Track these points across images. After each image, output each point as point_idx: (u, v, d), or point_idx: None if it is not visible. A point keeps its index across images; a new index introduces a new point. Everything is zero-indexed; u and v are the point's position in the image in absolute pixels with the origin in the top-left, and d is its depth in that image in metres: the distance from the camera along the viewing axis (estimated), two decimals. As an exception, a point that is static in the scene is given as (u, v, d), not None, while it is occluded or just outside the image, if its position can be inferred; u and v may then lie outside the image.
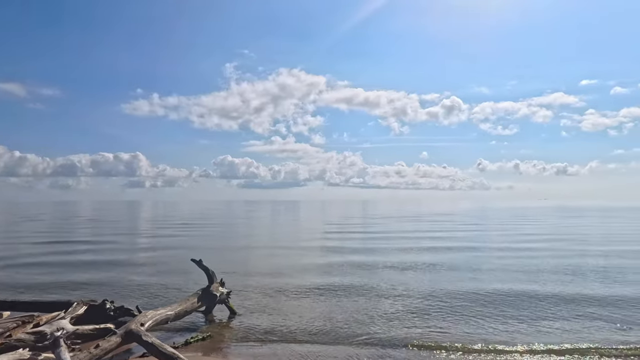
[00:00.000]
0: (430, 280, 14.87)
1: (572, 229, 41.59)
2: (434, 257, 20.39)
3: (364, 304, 11.82)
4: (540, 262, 19.06)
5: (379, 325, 9.95)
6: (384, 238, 30.40)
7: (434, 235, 32.31)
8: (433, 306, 11.56)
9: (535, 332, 9.55)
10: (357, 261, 19.10)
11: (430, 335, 9.16)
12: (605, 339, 9.02)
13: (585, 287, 14.18)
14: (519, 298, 12.54)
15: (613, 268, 17.69)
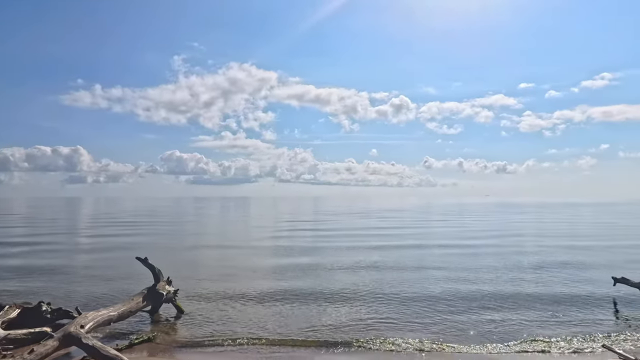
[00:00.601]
0: (378, 281, 14.58)
1: (512, 224, 44.10)
2: (383, 256, 20.15)
3: (312, 307, 11.47)
4: (482, 260, 19.92)
5: (326, 327, 9.98)
6: (334, 236, 30.00)
7: (383, 233, 32.69)
8: (380, 309, 11.43)
9: (473, 329, 9.99)
10: (307, 262, 18.42)
11: (377, 337, 9.21)
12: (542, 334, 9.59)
13: (523, 286, 15.05)
14: (463, 297, 13.06)
15: (548, 264, 18.96)
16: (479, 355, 8.18)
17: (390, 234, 31.62)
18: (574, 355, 8.12)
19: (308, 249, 22.98)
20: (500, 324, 10.07)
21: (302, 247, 23.84)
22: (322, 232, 34.31)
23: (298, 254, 21.34)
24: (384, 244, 24.93)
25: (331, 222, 47.89)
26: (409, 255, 20.56)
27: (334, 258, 19.60)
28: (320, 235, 31.38)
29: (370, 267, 17.39)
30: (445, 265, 17.90)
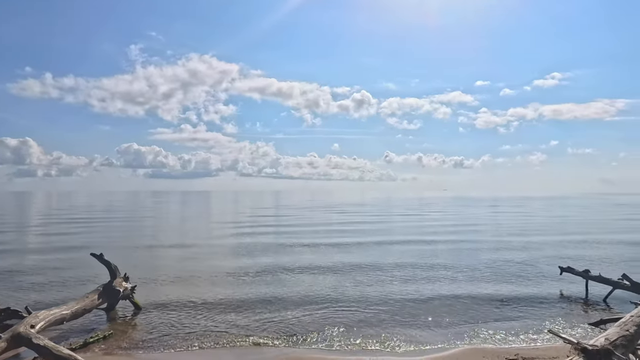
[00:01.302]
0: (337, 285, 13.42)
1: (469, 218, 45.61)
2: (344, 254, 19.38)
3: (270, 308, 10.93)
4: (440, 256, 20.52)
5: (282, 326, 10.04)
6: (296, 233, 28.91)
7: (345, 229, 31.75)
8: (338, 314, 11.19)
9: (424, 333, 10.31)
10: (267, 263, 17.16)
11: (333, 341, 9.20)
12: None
13: (478, 278, 15.62)
14: (422, 301, 13.42)
15: (502, 257, 19.79)
16: (420, 350, 8.46)
17: (352, 230, 31.02)
18: (522, 339, 8.59)
19: (269, 248, 21.68)
20: (457, 316, 10.45)
21: (262, 245, 22.49)
22: (284, 227, 33.56)
23: (258, 252, 20.11)
24: (346, 242, 23.82)
25: (293, 217, 46.98)
26: (370, 254, 19.57)
27: (294, 257, 18.44)
28: (281, 232, 30.27)
29: (330, 269, 15.94)
30: (405, 262, 17.29)
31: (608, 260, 17.93)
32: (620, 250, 21.22)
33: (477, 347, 8.15)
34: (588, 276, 12.30)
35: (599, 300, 11.72)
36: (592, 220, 43.02)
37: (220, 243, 24.04)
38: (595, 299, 11.84)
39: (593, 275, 12.24)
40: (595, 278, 12.12)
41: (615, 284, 11.60)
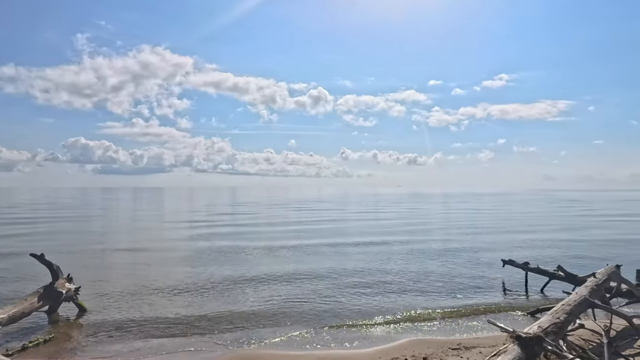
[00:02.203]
0: (290, 295, 12.01)
1: (421, 214, 46.91)
2: (300, 260, 17.42)
3: (219, 316, 10.34)
4: (394, 255, 20.99)
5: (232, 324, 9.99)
6: (251, 234, 26.91)
7: (301, 229, 30.01)
8: (292, 310, 11.42)
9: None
10: (220, 269, 15.58)
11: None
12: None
13: (429, 273, 16.16)
14: (372, 296, 13.71)
15: (453, 249, 20.55)
16: (369, 343, 8.71)
17: (309, 230, 29.29)
18: (465, 330, 9.01)
19: (223, 252, 19.58)
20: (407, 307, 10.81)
21: (216, 249, 20.36)
22: (240, 227, 31.35)
23: (212, 257, 18.30)
24: (302, 244, 21.90)
25: (250, 216, 44.78)
26: (327, 257, 17.95)
27: (248, 265, 16.43)
28: (237, 233, 27.72)
29: (285, 277, 14.19)
30: (359, 268, 15.68)
31: (547, 253, 19.03)
32: (558, 243, 22.55)
33: (421, 338, 8.46)
34: (527, 268, 13.01)
35: (537, 290, 12.43)
36: (535, 215, 45.47)
37: (172, 246, 21.96)
38: (534, 289, 12.55)
39: (532, 267, 12.96)
40: (534, 270, 12.85)
41: (552, 275, 12.35)
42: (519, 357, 5.86)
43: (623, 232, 27.59)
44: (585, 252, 19.41)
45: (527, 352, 5.99)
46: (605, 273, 9.86)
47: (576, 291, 8.76)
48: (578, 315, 8.04)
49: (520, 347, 5.97)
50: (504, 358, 5.80)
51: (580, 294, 8.39)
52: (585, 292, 8.45)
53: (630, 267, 11.51)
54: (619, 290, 10.30)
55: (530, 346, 6.04)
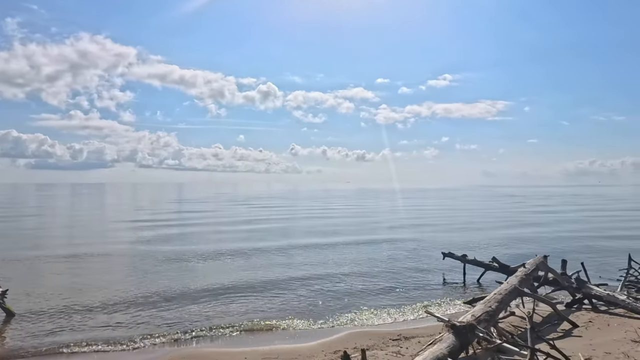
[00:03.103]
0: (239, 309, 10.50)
1: (370, 210, 47.82)
2: (248, 266, 15.65)
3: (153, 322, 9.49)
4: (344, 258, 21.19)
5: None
6: (198, 236, 24.08)
7: (249, 229, 27.53)
8: (237, 308, 11.45)
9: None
10: (160, 278, 13.55)
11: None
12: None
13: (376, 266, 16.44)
14: (315, 292, 13.80)
15: (398, 243, 21.09)
16: (313, 336, 8.83)
17: (257, 230, 26.73)
18: (405, 321, 9.34)
19: (166, 259, 16.85)
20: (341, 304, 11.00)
21: (160, 256, 17.49)
22: (186, 228, 28.21)
23: (153, 267, 15.53)
24: (250, 247, 19.58)
25: (196, 214, 40.64)
26: (274, 263, 16.23)
27: (192, 276, 14.09)
28: (182, 235, 24.50)
29: (231, 289, 12.25)
30: (308, 275, 14.09)
31: (484, 245, 20.04)
32: (495, 235, 23.82)
33: (363, 330, 8.69)
34: (465, 260, 13.63)
35: (474, 281, 13.06)
36: (475, 210, 47.74)
37: (112, 251, 19.09)
38: (471, 280, 13.18)
39: (469, 259, 13.60)
40: (471, 261, 13.48)
41: (487, 266, 13.01)
42: (453, 345, 6.16)
43: (552, 225, 29.56)
44: (519, 244, 20.62)
45: (461, 340, 6.31)
46: (533, 263, 10.53)
47: (507, 281, 9.30)
48: (509, 303, 8.55)
49: (455, 335, 6.27)
50: (439, 346, 6.07)
51: (510, 283, 8.91)
52: (515, 282, 8.99)
53: (557, 257, 12.33)
54: (547, 279, 11.02)
55: (463, 334, 6.35)
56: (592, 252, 18.15)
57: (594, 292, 9.95)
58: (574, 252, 17.36)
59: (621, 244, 20.04)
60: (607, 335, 7.74)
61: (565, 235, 23.73)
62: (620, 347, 6.96)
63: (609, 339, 7.50)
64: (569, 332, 8.15)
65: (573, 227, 28.15)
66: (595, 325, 8.53)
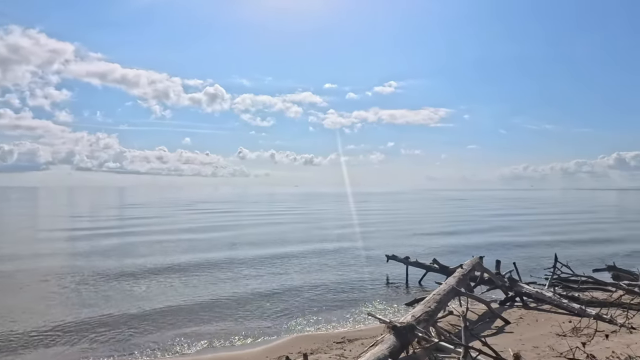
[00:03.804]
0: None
1: (317, 214, 48.12)
2: (187, 284, 13.53)
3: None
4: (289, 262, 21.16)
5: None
6: (138, 247, 21.12)
7: (191, 239, 24.25)
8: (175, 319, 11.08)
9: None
10: (90, 305, 11.05)
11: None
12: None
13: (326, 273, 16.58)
14: (261, 296, 13.71)
15: (345, 247, 21.37)
16: (255, 342, 8.79)
17: (200, 241, 23.51)
18: (349, 323, 9.50)
19: (101, 277, 14.35)
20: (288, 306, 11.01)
21: (95, 273, 14.95)
22: (126, 238, 24.74)
23: (85, 289, 12.89)
24: (190, 261, 17.09)
25: (138, 221, 35.97)
26: (216, 280, 14.08)
27: (127, 301, 11.48)
28: (121, 246, 21.43)
29: (171, 313, 10.48)
30: (247, 292, 12.50)
31: (427, 247, 20.75)
32: (436, 237, 24.77)
33: (307, 334, 8.74)
34: (408, 262, 14.06)
35: (416, 282, 13.49)
36: (418, 213, 49.37)
37: (39, 266, 16.26)
38: (414, 281, 13.59)
39: (411, 261, 14.03)
40: (413, 263, 13.92)
41: (428, 268, 13.48)
42: (394, 345, 6.34)
43: (488, 227, 31.19)
44: (459, 245, 21.54)
45: (401, 340, 6.50)
46: (470, 264, 11.06)
47: (446, 282, 9.70)
48: (447, 303, 8.92)
49: (395, 336, 6.46)
50: (380, 347, 6.22)
51: (449, 283, 9.31)
52: (453, 282, 9.40)
53: (492, 258, 13.00)
54: (482, 278, 11.60)
55: (404, 334, 6.55)
56: (523, 252, 19.30)
57: (525, 290, 10.60)
58: (507, 253, 18.40)
59: (549, 244, 21.51)
60: (536, 330, 8.27)
61: (500, 237, 25.08)
62: (546, 341, 7.45)
63: (537, 333, 8.02)
64: (502, 328, 8.63)
65: (507, 229, 29.83)
66: (525, 321, 9.09)
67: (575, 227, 31.50)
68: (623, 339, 7.14)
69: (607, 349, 6.56)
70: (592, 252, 19.43)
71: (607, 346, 6.73)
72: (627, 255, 18.62)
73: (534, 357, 6.62)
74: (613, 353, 6.24)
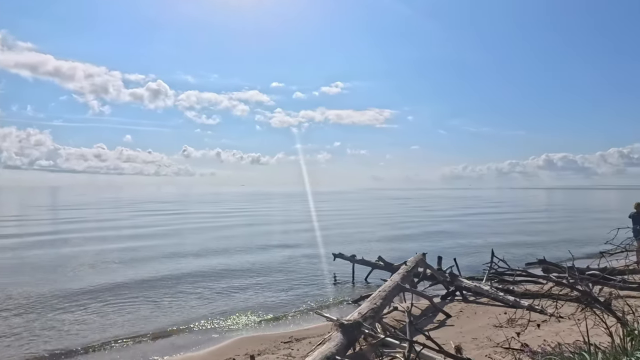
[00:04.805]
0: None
1: (264, 213, 47.69)
2: (110, 308, 10.45)
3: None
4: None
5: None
6: (68, 259, 17.50)
7: (132, 248, 20.37)
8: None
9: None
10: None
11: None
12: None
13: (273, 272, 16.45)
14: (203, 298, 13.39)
15: (291, 245, 21.25)
16: (198, 346, 8.61)
17: (143, 249, 20.37)
18: (297, 323, 9.49)
19: (21, 298, 11.51)
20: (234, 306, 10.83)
21: (17, 293, 11.99)
22: (55, 248, 20.78)
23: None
24: (120, 281, 13.60)
25: (70, 227, 30.50)
26: (143, 303, 11.18)
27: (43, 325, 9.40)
28: (47, 261, 17.35)
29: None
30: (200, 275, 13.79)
31: (373, 245, 21.18)
32: (382, 235, 25.36)
33: (254, 335, 8.62)
34: (354, 260, 14.25)
35: (363, 280, 13.71)
36: (365, 212, 50.30)
37: None
38: (360, 279, 13.80)
39: (358, 259, 14.24)
40: (359, 261, 14.13)
41: (374, 265, 13.74)
42: (341, 343, 6.38)
43: (431, 225, 32.37)
44: (403, 243, 22.15)
45: (349, 337, 6.57)
46: (414, 261, 11.40)
47: (391, 278, 9.94)
48: (392, 299, 9.13)
49: (342, 334, 6.51)
50: (328, 345, 6.25)
51: (393, 280, 9.54)
52: (398, 279, 9.64)
53: (435, 254, 13.48)
54: (425, 274, 11.99)
55: (350, 332, 6.62)
56: (464, 248, 20.17)
57: (464, 285, 11.08)
58: (449, 249, 19.15)
59: (487, 240, 22.65)
60: (475, 323, 8.66)
61: (442, 234, 26.09)
62: (484, 332, 7.82)
63: (476, 325, 8.39)
64: (443, 322, 8.95)
65: (448, 227, 31.07)
66: (465, 314, 9.49)
67: (511, 224, 33.41)
68: (553, 328, 7.64)
69: (538, 337, 6.98)
70: (526, 247, 20.66)
71: (538, 335, 7.16)
72: (556, 248, 19.94)
73: (473, 348, 6.92)
74: (544, 341, 6.65)
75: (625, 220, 13.66)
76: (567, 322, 7.91)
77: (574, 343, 5.31)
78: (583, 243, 21.56)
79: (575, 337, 5.77)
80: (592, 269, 11.63)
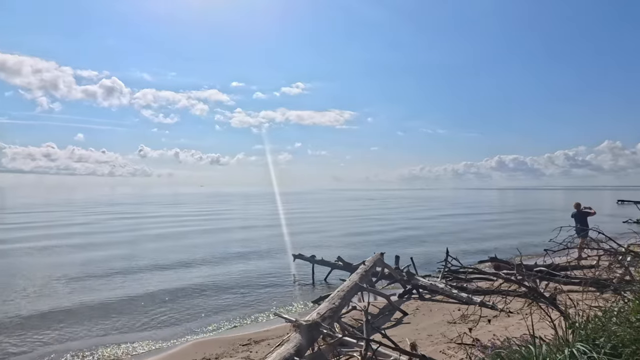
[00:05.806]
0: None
1: (222, 215, 46.98)
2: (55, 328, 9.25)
3: None
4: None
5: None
6: (6, 272, 15.11)
7: (84, 261, 17.12)
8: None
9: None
10: None
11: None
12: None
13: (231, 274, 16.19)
14: (158, 303, 13.08)
15: (252, 250, 21.01)
16: (156, 350, 8.42)
17: (97, 260, 17.55)
18: (255, 325, 9.43)
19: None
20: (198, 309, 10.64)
21: None
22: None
23: None
24: (79, 300, 11.63)
25: (9, 235, 25.54)
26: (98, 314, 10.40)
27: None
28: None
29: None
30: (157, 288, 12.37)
31: (333, 245, 21.33)
32: (342, 236, 25.60)
33: (212, 338, 8.51)
34: (313, 260, 14.31)
35: (322, 280, 13.78)
36: (325, 212, 50.55)
37: None
38: (320, 279, 13.87)
39: (317, 260, 14.31)
40: (319, 262, 14.21)
41: (333, 265, 13.85)
42: (300, 343, 6.41)
43: (390, 225, 32.98)
44: (362, 243, 22.44)
45: (307, 338, 6.60)
46: (372, 260, 11.58)
47: (350, 278, 10.05)
48: (351, 299, 9.25)
49: (301, 334, 6.54)
50: (286, 346, 6.26)
51: (352, 280, 9.65)
52: (356, 278, 9.77)
53: (392, 253, 13.75)
54: (383, 273, 12.21)
55: (309, 332, 6.66)
56: (420, 247, 20.68)
57: (421, 283, 11.37)
58: (406, 248, 19.58)
59: (442, 239, 23.34)
60: (430, 320, 8.91)
61: (399, 234, 26.63)
62: (439, 328, 8.06)
63: (431, 322, 8.64)
64: (400, 320, 9.16)
65: (406, 226, 31.78)
66: (421, 311, 9.74)
67: (466, 223, 34.56)
68: (502, 323, 7.98)
69: (489, 332, 7.27)
70: (478, 245, 21.44)
71: (489, 330, 7.46)
72: (506, 246, 20.78)
73: (428, 344, 7.13)
74: (494, 336, 6.92)
75: (569, 219, 14.47)
76: (515, 317, 8.27)
77: (522, 337, 5.56)
78: (532, 241, 22.60)
79: (523, 330, 6.05)
80: (540, 266, 12.22)
